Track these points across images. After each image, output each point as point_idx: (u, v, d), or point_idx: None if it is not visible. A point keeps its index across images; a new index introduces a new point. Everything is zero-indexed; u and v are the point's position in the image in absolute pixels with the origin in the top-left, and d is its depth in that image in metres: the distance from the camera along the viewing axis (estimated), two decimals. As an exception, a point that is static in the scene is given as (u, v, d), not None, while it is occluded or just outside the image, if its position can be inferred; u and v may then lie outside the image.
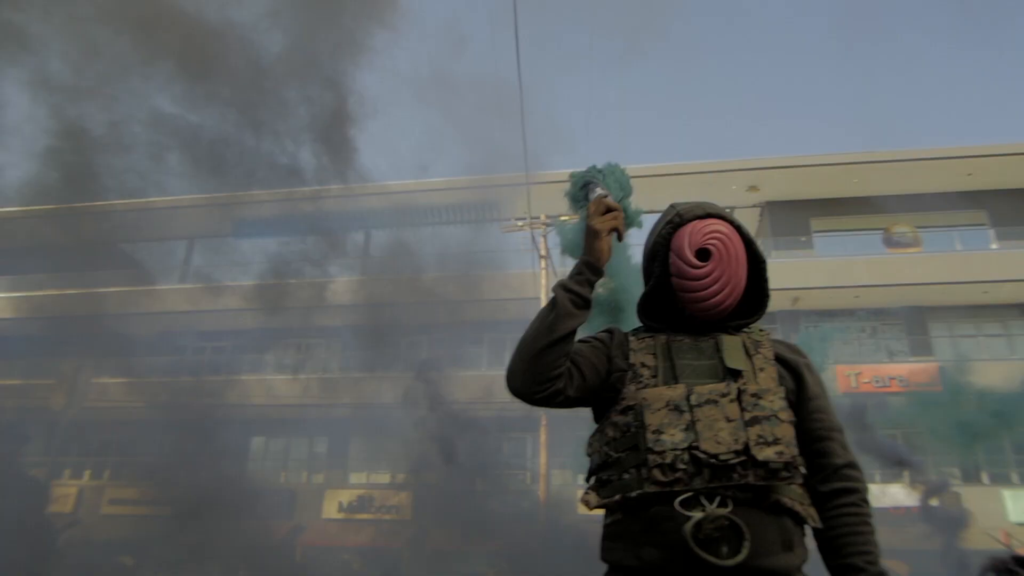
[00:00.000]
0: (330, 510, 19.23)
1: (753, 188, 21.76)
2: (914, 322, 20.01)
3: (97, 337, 19.46)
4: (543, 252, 19.23)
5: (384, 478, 20.51)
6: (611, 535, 1.57)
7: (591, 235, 1.69)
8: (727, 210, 1.77)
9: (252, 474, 20.69)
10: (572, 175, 11.70)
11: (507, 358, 1.74)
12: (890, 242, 21.33)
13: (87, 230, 20.59)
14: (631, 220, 10.20)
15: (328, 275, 22.22)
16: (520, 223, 19.56)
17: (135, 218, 22.60)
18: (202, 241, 25.17)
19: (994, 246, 20.67)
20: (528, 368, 1.62)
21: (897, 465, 15.39)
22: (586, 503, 1.59)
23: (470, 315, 20.76)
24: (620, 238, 1.71)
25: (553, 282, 15.06)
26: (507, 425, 17.50)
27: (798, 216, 21.80)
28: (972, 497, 17.38)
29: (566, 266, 15.94)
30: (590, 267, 1.68)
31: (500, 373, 1.73)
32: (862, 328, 20.02)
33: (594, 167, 11.79)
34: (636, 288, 1.90)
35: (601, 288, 11.45)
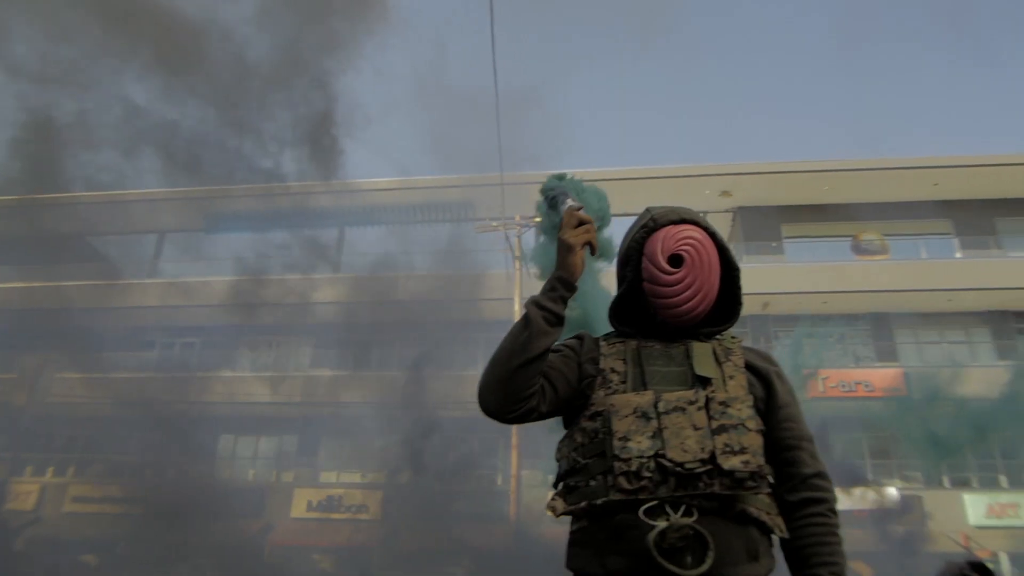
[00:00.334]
0: (299, 509, 19.08)
1: (726, 193, 22.01)
2: (880, 328, 20.39)
3: (62, 332, 19.12)
4: (517, 253, 19.27)
5: (354, 477, 20.41)
6: (577, 542, 1.55)
7: (563, 249, 1.65)
8: (702, 215, 1.76)
9: (220, 473, 20.48)
10: (548, 181, 11.26)
11: (480, 361, 1.73)
12: (858, 249, 21.69)
13: (52, 222, 20.23)
14: (604, 251, 9.83)
15: (300, 273, 22.06)
16: (495, 223, 19.57)
17: (103, 211, 22.25)
18: (173, 236, 24.85)
19: (958, 255, 21.14)
20: (501, 388, 1.60)
21: (852, 484, 15.72)
22: (552, 509, 1.58)
23: (446, 316, 20.74)
24: (593, 252, 1.67)
25: (527, 289, 15.08)
26: (478, 426, 17.48)
27: (769, 222, 22.09)
28: (934, 501, 17.76)
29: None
30: (563, 283, 1.64)
31: (472, 373, 1.73)
32: (830, 334, 20.37)
33: (561, 176, 11.28)
34: (604, 315, 1.88)
35: (570, 311, 11.14)
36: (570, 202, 1.76)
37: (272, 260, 22.56)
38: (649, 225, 1.72)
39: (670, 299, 1.64)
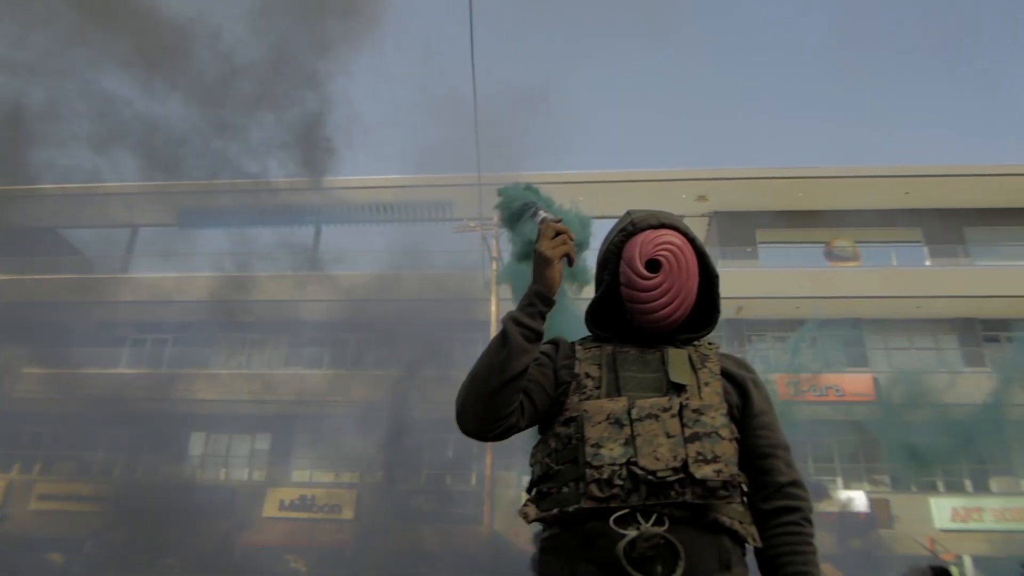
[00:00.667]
0: (272, 509, 18.91)
1: (702, 198, 22.20)
2: (851, 334, 20.70)
3: (29, 326, 18.81)
4: (495, 254, 19.27)
5: (328, 477, 20.28)
6: (548, 549, 1.53)
7: (541, 262, 1.61)
8: (683, 220, 1.75)
9: (191, 471, 20.26)
10: (510, 189, 10.80)
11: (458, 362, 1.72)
12: (831, 255, 21.99)
13: (21, 214, 19.88)
14: (578, 276, 9.54)
15: (276, 271, 21.90)
16: (473, 224, 19.55)
17: (74, 204, 21.92)
18: (146, 231, 24.52)
19: (928, 263, 21.53)
20: (481, 409, 1.58)
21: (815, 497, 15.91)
22: (524, 516, 1.56)
23: (423, 316, 20.68)
24: (571, 263, 1.65)
25: (504, 290, 15.07)
26: (453, 427, 17.43)
27: (744, 227, 22.32)
28: (901, 504, 18.08)
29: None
30: (541, 297, 1.61)
31: (452, 373, 1.73)
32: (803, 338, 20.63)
33: (529, 188, 10.51)
34: (572, 332, 1.86)
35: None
36: (543, 214, 1.74)
37: (247, 257, 22.40)
38: (628, 229, 1.71)
39: (646, 304, 1.64)
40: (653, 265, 1.64)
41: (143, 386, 18.99)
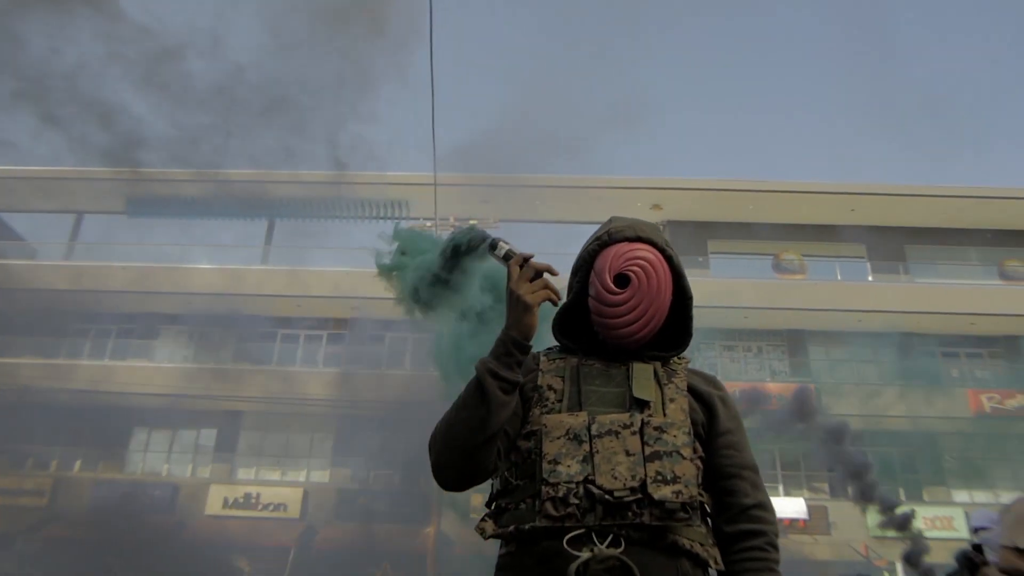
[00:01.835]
0: (215, 506, 18.56)
1: (656, 207, 22.53)
2: (795, 344, 21.25)
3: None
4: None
5: (273, 475, 20.01)
6: (504, 566, 1.47)
7: (518, 307, 1.48)
8: (664, 237, 1.68)
9: (132, 467, 19.79)
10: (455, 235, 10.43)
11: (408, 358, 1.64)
12: (778, 267, 22.55)
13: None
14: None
15: (226, 262, 21.55)
16: (428, 223, 19.50)
17: (15, 186, 21.25)
18: (92, 217, 23.83)
19: (870, 278, 22.27)
20: (462, 467, 1.49)
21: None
22: (481, 531, 1.50)
23: (370, 312, 20.56)
24: (556, 303, 1.55)
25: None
26: (401, 425, 17.36)
27: (697, 237, 22.73)
28: (838, 511, 18.64)
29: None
30: (519, 346, 1.49)
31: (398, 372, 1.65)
32: (748, 347, 21.12)
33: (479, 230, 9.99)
34: None
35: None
36: (505, 246, 1.62)
37: (197, 249, 21.96)
38: (604, 238, 1.64)
39: (610, 319, 1.57)
40: (622, 280, 1.57)
41: (82, 377, 18.48)
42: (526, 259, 1.53)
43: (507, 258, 1.59)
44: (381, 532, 17.65)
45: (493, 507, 1.53)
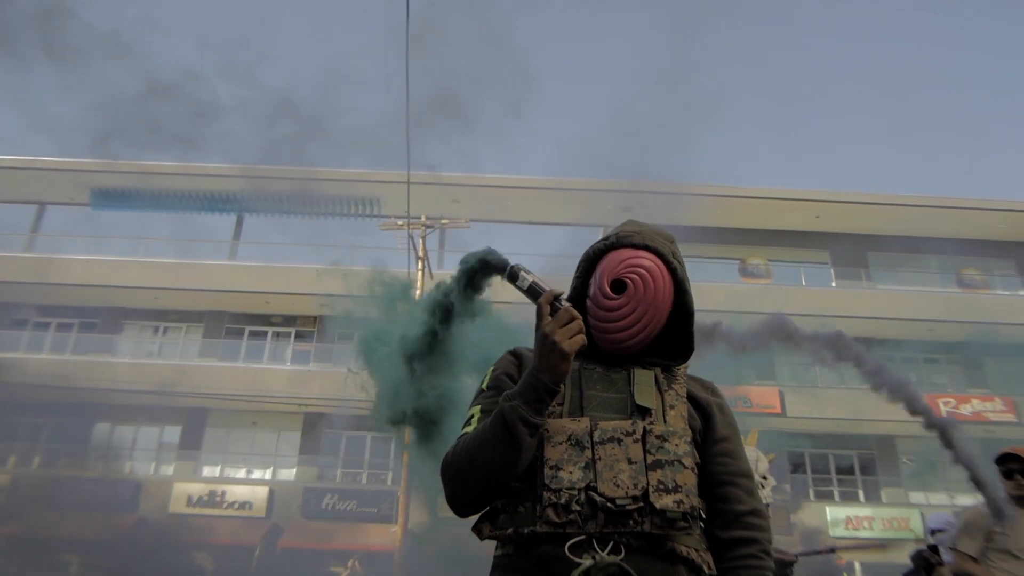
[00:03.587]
0: (179, 504, 18.31)
1: (626, 210, 22.75)
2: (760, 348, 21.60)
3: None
4: (421, 253, 19.24)
5: (239, 472, 19.82)
6: (501, 567, 1.47)
7: (554, 354, 1.41)
8: (673, 247, 1.66)
9: (93, 463, 19.45)
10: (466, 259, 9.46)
11: None
12: (745, 272, 22.92)
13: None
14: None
15: (191, 257, 21.29)
16: (400, 222, 19.46)
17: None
18: (55, 209, 23.36)
19: (834, 284, 22.74)
20: (481, 499, 1.48)
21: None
22: (478, 532, 1.49)
23: (340, 311, 20.46)
24: (585, 347, 1.46)
25: (430, 284, 15.05)
26: (369, 424, 17.31)
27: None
28: (800, 512, 19.04)
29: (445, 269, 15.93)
30: (551, 393, 1.43)
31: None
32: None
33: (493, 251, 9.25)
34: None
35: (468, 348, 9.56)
36: (531, 279, 1.53)
37: (164, 243, 21.67)
38: (611, 240, 1.64)
39: (604, 324, 1.57)
40: (619, 286, 1.57)
41: (43, 371, 18.12)
42: (556, 297, 1.46)
43: (532, 292, 1.52)
44: (348, 531, 17.59)
45: (488, 508, 1.51)
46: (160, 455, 20.10)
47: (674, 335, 1.65)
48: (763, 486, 2.39)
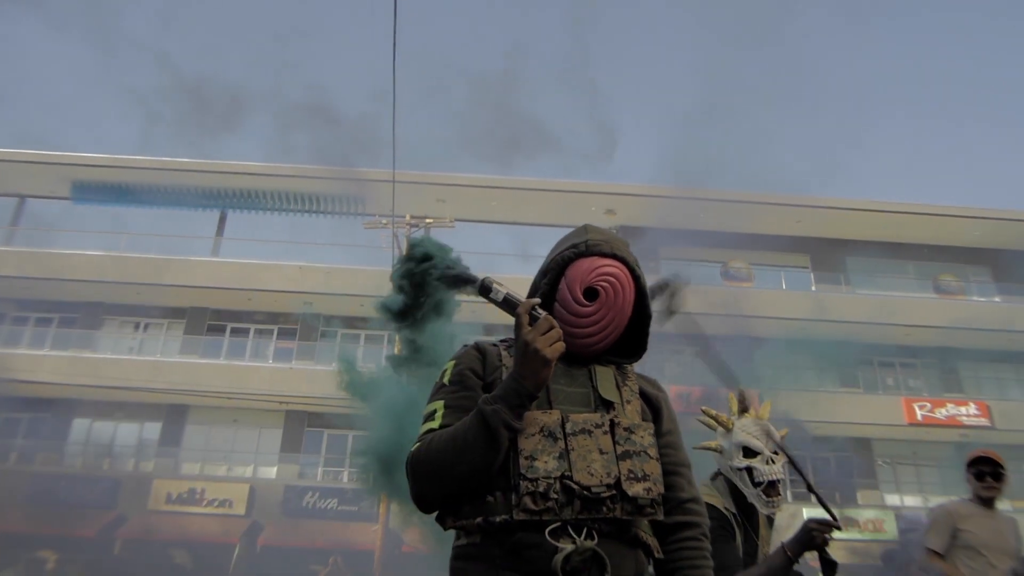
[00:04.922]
0: (158, 501, 18.18)
1: (610, 212, 22.90)
2: (742, 350, 21.81)
3: None
4: (405, 252, 19.22)
5: (219, 470, 19.73)
6: (465, 555, 1.52)
7: (537, 361, 1.47)
8: (632, 255, 1.76)
9: (71, 459, 19.28)
10: (415, 246, 9.33)
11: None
12: (727, 275, 23.12)
13: None
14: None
15: (173, 253, 21.18)
16: (384, 221, 19.46)
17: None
18: (34, 202, 23.12)
19: (814, 288, 23.01)
20: (448, 497, 1.53)
21: None
22: (441, 522, 1.55)
23: (323, 309, 20.45)
24: (564, 353, 1.53)
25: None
26: (352, 422, 17.30)
27: (648, 243, 23.15)
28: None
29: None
30: (531, 399, 1.50)
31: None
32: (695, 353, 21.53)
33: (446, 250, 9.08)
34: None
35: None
36: (503, 291, 1.60)
37: (143, 238, 21.52)
38: (580, 248, 1.70)
39: (575, 329, 1.64)
40: (591, 293, 1.64)
41: (20, 366, 17.97)
42: (534, 307, 1.52)
43: (508, 304, 1.59)
44: (328, 529, 17.57)
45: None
46: (140, 452, 19.96)
47: (630, 336, 1.75)
48: (774, 461, 2.52)
